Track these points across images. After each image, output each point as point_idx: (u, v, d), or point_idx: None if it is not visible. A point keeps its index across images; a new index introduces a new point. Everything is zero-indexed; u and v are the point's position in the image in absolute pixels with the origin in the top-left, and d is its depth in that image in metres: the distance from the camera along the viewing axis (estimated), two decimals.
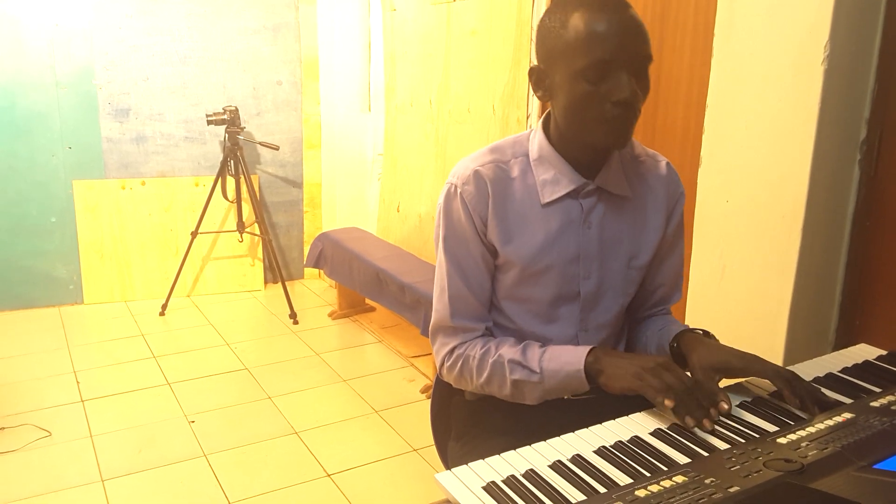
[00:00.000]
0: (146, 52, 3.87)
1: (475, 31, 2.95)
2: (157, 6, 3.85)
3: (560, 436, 0.98)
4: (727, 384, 1.12)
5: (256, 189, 4.18)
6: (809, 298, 1.68)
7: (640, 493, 0.81)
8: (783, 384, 1.04)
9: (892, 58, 1.58)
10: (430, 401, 1.47)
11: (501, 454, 0.93)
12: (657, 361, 1.06)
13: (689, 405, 1.00)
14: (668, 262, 1.31)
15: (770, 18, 1.63)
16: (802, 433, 0.94)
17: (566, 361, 1.14)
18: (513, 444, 0.96)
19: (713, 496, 0.79)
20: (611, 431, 0.99)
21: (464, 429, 1.34)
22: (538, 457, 0.93)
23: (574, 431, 0.99)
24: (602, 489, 0.85)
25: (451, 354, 1.24)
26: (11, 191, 3.72)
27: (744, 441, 0.94)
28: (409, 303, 2.92)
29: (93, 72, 3.79)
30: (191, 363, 3.20)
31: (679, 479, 0.84)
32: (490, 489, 0.85)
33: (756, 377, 1.11)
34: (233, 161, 3.85)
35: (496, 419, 1.29)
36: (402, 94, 3.52)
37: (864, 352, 1.25)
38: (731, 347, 1.14)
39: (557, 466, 0.90)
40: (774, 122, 1.65)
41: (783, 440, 0.93)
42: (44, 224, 3.82)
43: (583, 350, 1.14)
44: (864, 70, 1.60)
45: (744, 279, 1.77)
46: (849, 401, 1.05)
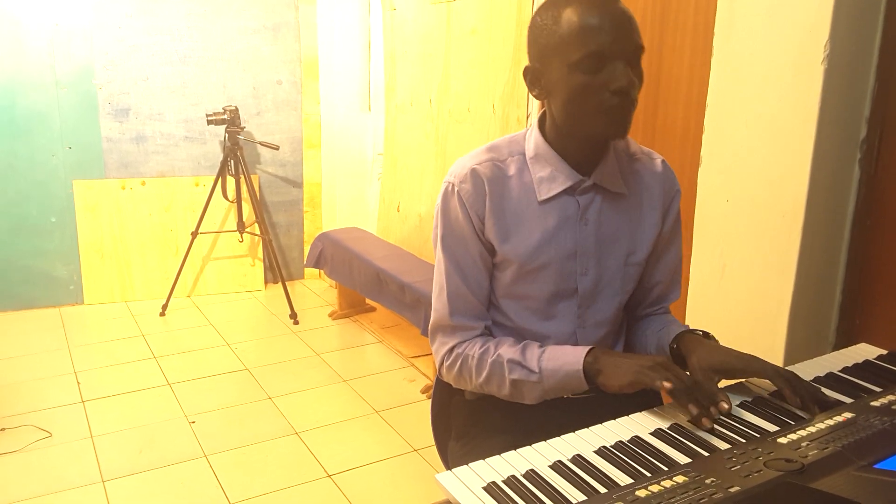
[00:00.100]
0: (146, 52, 3.87)
1: (475, 31, 2.95)
2: (157, 6, 3.85)
3: (560, 435, 0.98)
4: (727, 384, 1.12)
5: (256, 189, 4.18)
6: (809, 298, 1.68)
7: (641, 493, 0.81)
8: (783, 383, 1.04)
9: (892, 57, 1.58)
10: (431, 401, 1.47)
11: (502, 454, 0.93)
12: (656, 361, 1.07)
13: (689, 403, 1.00)
14: (665, 260, 1.31)
15: (770, 18, 1.63)
16: (803, 433, 0.94)
17: (565, 361, 1.14)
18: (513, 444, 0.96)
19: (714, 496, 0.79)
20: (611, 431, 0.99)
21: (464, 428, 1.34)
22: (538, 457, 0.93)
23: (574, 431, 0.99)
24: (602, 489, 0.85)
25: (451, 354, 1.24)
26: (11, 191, 3.72)
27: (744, 441, 0.94)
28: (410, 302, 2.92)
29: (93, 71, 3.79)
30: (191, 363, 3.20)
31: (679, 479, 0.84)
32: (490, 489, 0.85)
33: (756, 377, 1.11)
34: (233, 161, 3.86)
35: (496, 419, 1.29)
36: (402, 94, 3.52)
37: (865, 351, 1.25)
38: (731, 349, 1.14)
39: (558, 466, 0.90)
40: (774, 122, 1.65)
41: (783, 440, 0.92)
42: (44, 224, 3.83)
43: (582, 350, 1.14)
44: (864, 69, 1.60)
45: (744, 278, 1.77)
46: (849, 400, 1.05)
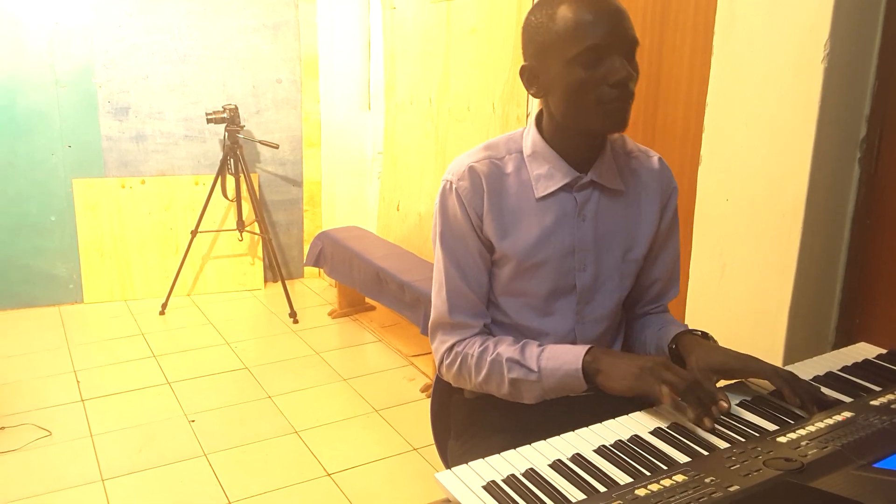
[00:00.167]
0: (146, 51, 3.87)
1: (475, 30, 2.95)
2: (157, 4, 3.85)
3: (560, 434, 0.98)
4: (726, 384, 1.12)
5: (256, 188, 4.18)
6: (809, 297, 1.68)
7: (640, 492, 0.81)
8: (782, 383, 1.04)
9: (892, 56, 1.58)
10: (430, 400, 1.47)
11: (501, 453, 0.93)
12: (656, 361, 1.06)
13: (690, 403, 1.00)
14: (663, 257, 1.32)
15: (770, 17, 1.63)
16: (802, 432, 0.94)
17: (564, 360, 1.14)
18: (512, 443, 0.96)
19: (713, 495, 0.79)
20: (611, 430, 0.99)
21: (463, 427, 1.34)
22: (538, 456, 0.93)
23: (573, 430, 0.99)
24: (602, 488, 0.85)
25: (450, 352, 1.24)
26: (11, 189, 3.72)
27: (744, 440, 0.94)
28: (409, 301, 2.92)
29: (92, 70, 3.79)
30: (191, 362, 3.20)
31: (679, 478, 0.84)
32: (490, 488, 0.85)
33: (754, 377, 1.11)
34: (232, 160, 3.85)
35: (495, 417, 1.29)
36: (402, 93, 3.52)
37: (864, 350, 1.25)
38: (729, 349, 1.14)
39: (557, 465, 0.90)
40: (774, 121, 1.65)
41: (783, 439, 0.92)
42: (43, 223, 3.82)
43: (581, 349, 1.14)
44: (864, 68, 1.60)
45: (744, 278, 1.77)
46: (849, 399, 1.05)
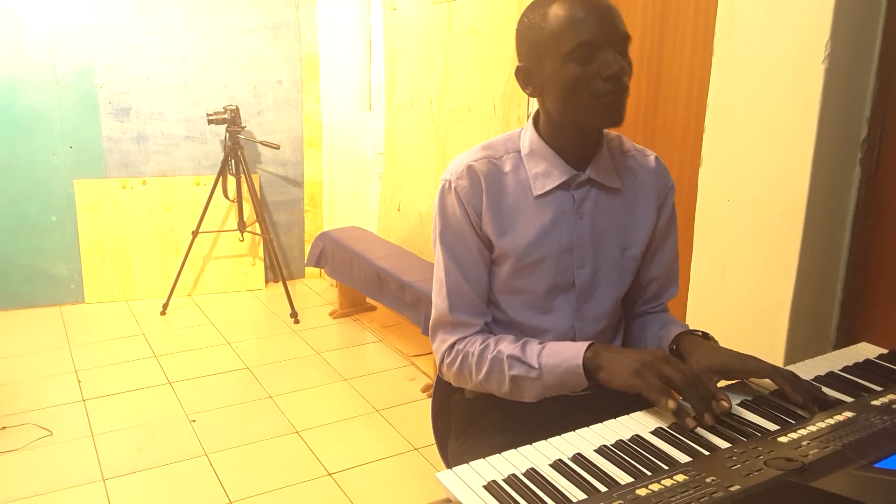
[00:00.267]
0: (147, 52, 3.87)
1: (475, 30, 2.95)
2: (158, 5, 3.85)
3: (560, 434, 0.98)
4: (726, 384, 1.12)
5: (257, 188, 4.18)
6: (810, 297, 1.68)
7: (641, 492, 0.81)
8: (784, 382, 1.04)
9: (893, 57, 1.58)
10: (431, 399, 1.47)
11: (502, 453, 0.93)
12: (656, 355, 1.06)
13: (690, 397, 1.00)
14: (661, 255, 1.32)
15: (771, 17, 1.63)
16: (803, 432, 0.94)
17: (565, 357, 1.14)
18: (512, 442, 0.96)
19: (714, 495, 0.79)
20: (612, 430, 0.99)
21: (463, 426, 1.35)
22: (539, 455, 0.93)
23: (574, 429, 0.99)
24: (603, 488, 0.85)
25: (451, 351, 1.25)
26: (12, 190, 3.72)
27: (745, 440, 0.94)
28: (410, 301, 2.92)
29: (93, 71, 3.79)
30: (192, 362, 3.21)
31: (680, 478, 0.84)
32: (491, 488, 0.85)
33: (755, 377, 1.11)
34: (233, 160, 3.86)
35: (496, 417, 1.29)
36: (403, 93, 3.52)
37: (865, 350, 1.25)
38: (730, 349, 1.14)
39: (558, 465, 0.90)
40: (775, 121, 1.65)
41: (784, 439, 0.92)
42: (44, 223, 3.83)
43: (582, 345, 1.14)
44: (865, 69, 1.60)
45: (744, 278, 1.77)
46: (850, 399, 1.05)
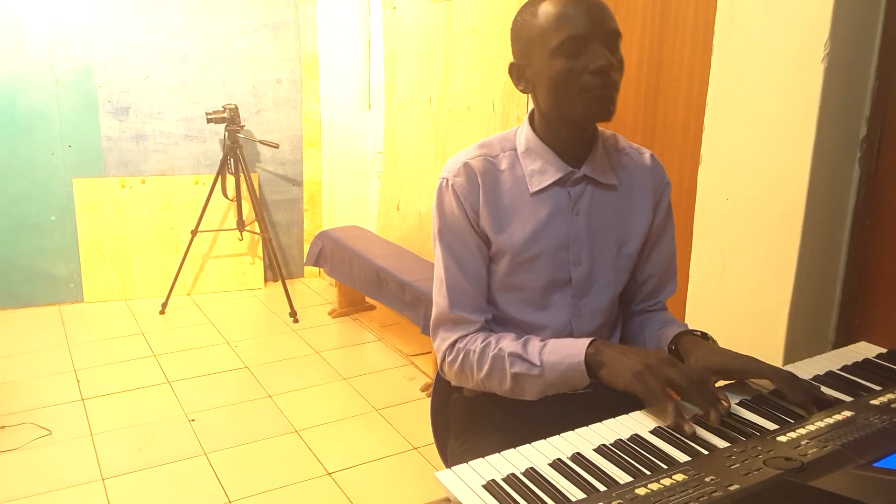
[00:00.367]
0: (146, 51, 3.87)
1: (475, 30, 2.95)
2: (157, 4, 3.85)
3: (559, 433, 0.98)
4: (725, 384, 1.12)
5: (256, 187, 4.18)
6: (809, 296, 1.68)
7: (641, 492, 0.81)
8: (782, 382, 1.04)
9: (893, 56, 1.58)
10: (430, 399, 1.47)
11: (501, 452, 0.93)
12: (660, 358, 1.06)
13: (695, 401, 1.00)
14: (658, 252, 1.33)
15: (770, 17, 1.63)
16: (802, 431, 0.94)
17: (567, 353, 1.14)
18: (512, 441, 0.96)
19: (713, 494, 0.79)
20: (611, 430, 0.99)
21: (463, 426, 1.35)
22: (538, 455, 0.93)
23: (573, 428, 0.99)
24: (602, 487, 0.85)
25: (452, 349, 1.25)
26: (11, 189, 3.72)
27: (744, 439, 0.94)
28: (409, 301, 2.92)
29: (92, 70, 3.79)
30: (191, 362, 3.20)
31: (679, 478, 0.84)
32: (490, 487, 0.85)
33: (754, 377, 1.10)
34: (233, 159, 3.86)
35: (495, 416, 1.29)
36: (402, 93, 3.52)
37: (865, 350, 1.25)
38: (729, 350, 1.14)
39: (558, 465, 0.90)
40: (774, 121, 1.65)
41: (783, 438, 0.92)
42: (44, 222, 3.82)
43: (584, 342, 1.14)
44: (864, 68, 1.60)
45: (744, 277, 1.77)
46: (849, 399, 1.05)
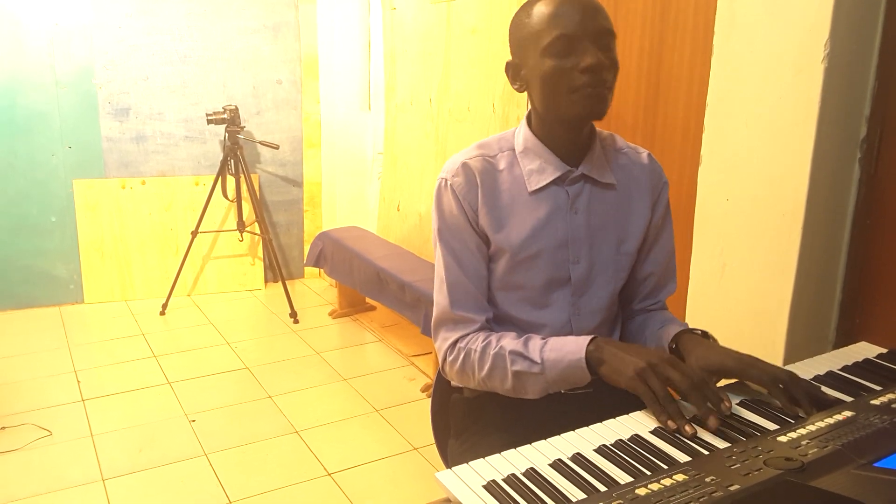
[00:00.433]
0: (146, 52, 3.87)
1: (475, 30, 2.95)
2: (157, 5, 3.85)
3: (560, 433, 0.98)
4: (726, 384, 1.12)
5: (256, 188, 4.18)
6: (810, 297, 1.68)
7: (641, 492, 0.81)
8: (779, 393, 1.03)
9: (893, 56, 1.58)
10: (431, 399, 1.47)
11: (502, 452, 0.93)
12: (661, 357, 1.06)
13: (696, 403, 1.00)
14: (657, 251, 1.33)
15: (770, 17, 1.63)
16: (803, 431, 0.94)
17: (568, 351, 1.14)
18: (511, 441, 0.96)
19: (713, 494, 0.79)
20: (611, 430, 0.99)
21: (463, 426, 1.35)
22: (539, 455, 0.93)
23: (573, 428, 0.99)
24: (603, 487, 0.85)
25: (454, 348, 1.25)
26: (11, 190, 3.72)
27: (744, 439, 0.94)
28: (410, 302, 2.92)
29: (93, 71, 3.79)
30: (191, 362, 3.21)
31: (679, 478, 0.84)
32: (490, 488, 0.85)
33: (752, 382, 1.10)
34: (233, 160, 3.86)
35: (495, 416, 1.29)
36: (402, 93, 3.52)
37: (865, 350, 1.25)
38: (729, 349, 1.14)
39: (558, 465, 0.90)
40: (774, 121, 1.65)
41: (783, 438, 0.92)
42: (44, 223, 3.83)
43: (584, 339, 1.14)
44: (865, 68, 1.60)
45: (744, 277, 1.77)
46: (849, 399, 1.05)
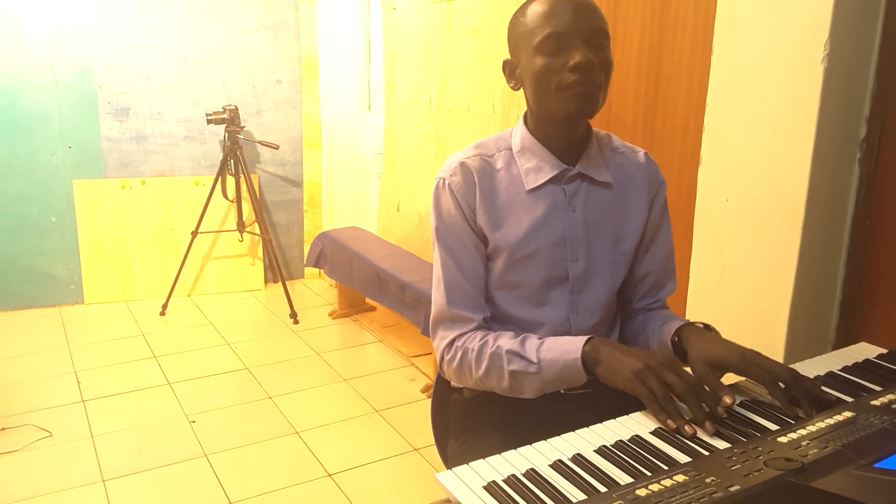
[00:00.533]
0: (146, 52, 3.87)
1: (475, 30, 2.95)
2: (157, 5, 3.85)
3: (559, 433, 0.98)
4: (732, 380, 1.11)
5: (256, 188, 4.18)
6: (809, 297, 1.68)
7: (641, 493, 0.81)
8: (779, 394, 1.03)
9: (892, 56, 1.58)
10: (431, 400, 1.47)
11: (502, 453, 0.93)
12: (658, 360, 1.06)
13: (692, 405, 1.00)
14: (655, 249, 1.33)
15: (770, 17, 1.63)
16: (803, 432, 0.94)
17: (564, 350, 1.14)
18: (511, 441, 0.96)
19: (714, 495, 0.79)
20: (611, 430, 0.99)
21: (462, 426, 1.35)
22: (539, 456, 0.93)
23: (573, 428, 0.99)
24: (603, 488, 0.85)
25: (451, 347, 1.25)
26: (11, 190, 3.72)
27: (744, 440, 0.94)
28: (410, 302, 2.92)
29: (92, 71, 3.79)
30: (191, 363, 3.20)
31: (680, 478, 0.84)
32: (491, 488, 0.85)
33: (754, 380, 1.09)
34: (233, 160, 3.86)
35: (494, 416, 1.29)
36: (402, 93, 3.52)
37: (865, 350, 1.25)
38: (732, 343, 1.13)
39: (558, 466, 0.90)
40: (774, 121, 1.65)
41: (784, 439, 0.92)
42: (44, 223, 3.82)
43: (581, 339, 1.14)
44: (864, 68, 1.60)
45: (744, 278, 1.77)
46: (849, 399, 1.05)
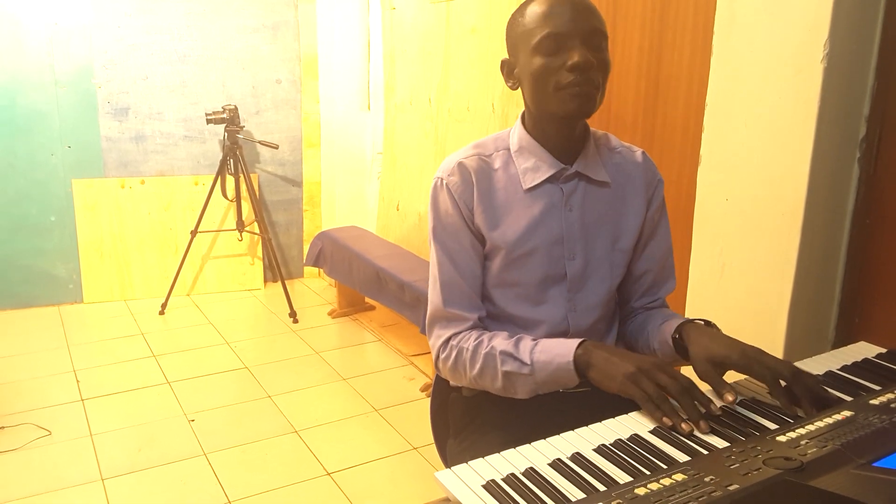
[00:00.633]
0: (145, 51, 3.87)
1: (475, 30, 2.95)
2: (156, 5, 3.85)
3: (558, 432, 0.98)
4: (732, 380, 1.11)
5: (256, 188, 4.18)
6: (809, 296, 1.68)
7: (640, 492, 0.81)
8: (779, 393, 1.03)
9: (892, 55, 1.58)
10: (430, 399, 1.47)
11: (501, 452, 0.93)
12: (651, 362, 1.06)
13: (686, 406, 1.00)
14: (653, 248, 1.34)
15: (770, 17, 1.63)
16: (802, 431, 0.94)
17: (557, 353, 1.15)
18: (510, 440, 0.97)
19: (713, 494, 0.79)
20: (610, 430, 0.99)
21: (461, 425, 1.35)
22: (538, 455, 0.93)
23: (572, 427, 0.99)
24: (602, 487, 0.85)
25: (446, 346, 1.26)
26: (11, 190, 3.72)
27: (743, 439, 0.94)
28: (409, 301, 2.92)
29: (92, 71, 3.79)
30: (191, 362, 3.20)
31: (679, 477, 0.84)
32: (490, 487, 0.85)
33: (755, 378, 1.09)
34: (232, 160, 3.85)
35: (493, 415, 1.29)
36: (402, 93, 3.52)
37: (864, 349, 1.25)
38: (734, 339, 1.13)
39: (557, 465, 0.90)
40: (774, 121, 1.65)
41: (783, 438, 0.92)
42: (43, 223, 3.82)
43: (574, 342, 1.14)
44: (864, 68, 1.60)
45: (743, 277, 1.77)
46: (848, 399, 1.05)
